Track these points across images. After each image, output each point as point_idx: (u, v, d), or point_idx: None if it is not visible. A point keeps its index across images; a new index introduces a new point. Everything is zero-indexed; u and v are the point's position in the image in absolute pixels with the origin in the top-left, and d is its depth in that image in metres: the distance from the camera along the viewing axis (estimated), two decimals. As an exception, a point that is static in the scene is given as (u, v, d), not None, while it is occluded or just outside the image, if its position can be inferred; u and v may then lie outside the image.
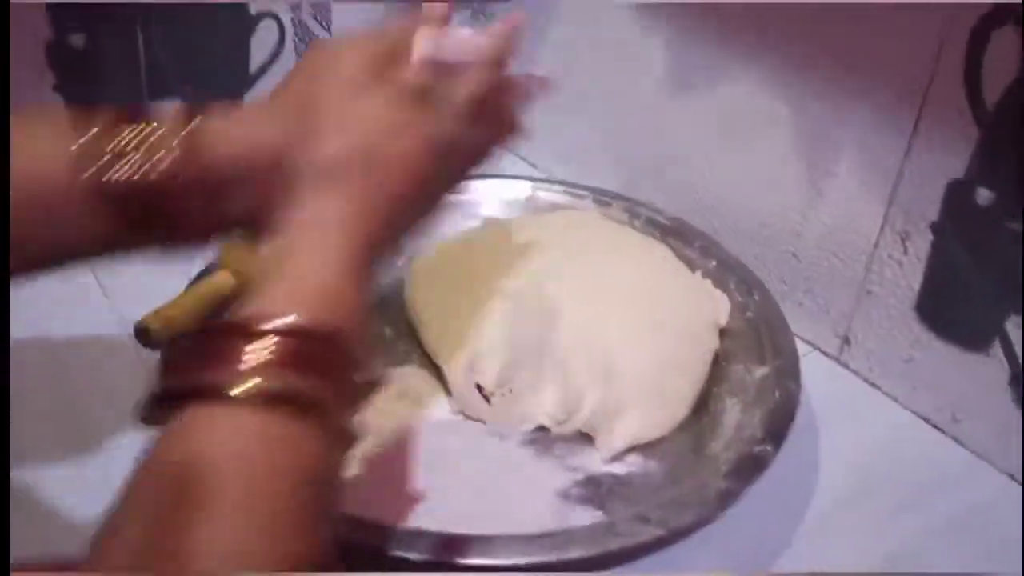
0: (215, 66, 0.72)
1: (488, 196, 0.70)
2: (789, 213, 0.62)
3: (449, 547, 0.42)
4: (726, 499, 0.45)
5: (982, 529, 0.50)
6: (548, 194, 0.72)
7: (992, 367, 0.52)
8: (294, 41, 0.74)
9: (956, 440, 0.56)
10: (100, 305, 0.62)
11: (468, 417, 0.55)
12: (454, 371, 0.56)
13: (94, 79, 0.66)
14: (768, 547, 0.48)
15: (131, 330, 0.56)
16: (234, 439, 0.30)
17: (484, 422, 0.54)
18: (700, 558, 0.47)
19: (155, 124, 0.38)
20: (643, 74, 0.70)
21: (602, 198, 0.70)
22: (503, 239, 0.64)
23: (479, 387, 0.55)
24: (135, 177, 0.37)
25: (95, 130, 0.38)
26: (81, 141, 0.37)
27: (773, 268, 0.65)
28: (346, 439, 0.33)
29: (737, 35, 0.61)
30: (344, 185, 0.37)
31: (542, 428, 0.54)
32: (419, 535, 0.43)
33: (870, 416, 0.58)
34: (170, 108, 0.39)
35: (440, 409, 0.56)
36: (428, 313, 0.60)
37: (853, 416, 0.57)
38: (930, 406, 0.57)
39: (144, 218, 0.38)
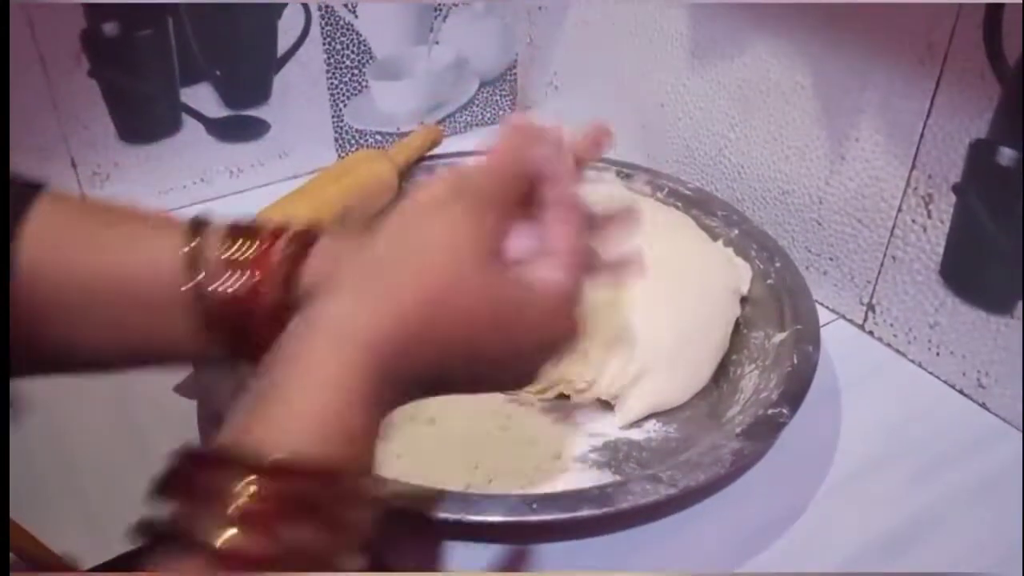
0: (243, 51, 0.73)
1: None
2: (812, 179, 0.62)
3: (462, 506, 0.43)
4: (739, 459, 0.45)
5: (1007, 494, 0.49)
6: (571, 168, 0.72)
7: (1017, 330, 0.52)
8: (320, 25, 0.75)
9: (981, 405, 0.55)
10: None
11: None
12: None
13: (127, 65, 0.68)
14: (783, 512, 0.47)
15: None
16: None
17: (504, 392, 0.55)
18: (715, 521, 0.47)
19: (261, 241, 0.36)
20: (664, 46, 0.70)
21: (625, 171, 0.70)
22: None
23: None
24: (229, 294, 0.35)
25: (203, 239, 0.36)
26: (189, 247, 0.36)
27: (797, 236, 0.64)
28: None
29: (757, 4, 0.61)
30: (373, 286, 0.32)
31: (562, 396, 0.55)
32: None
33: (894, 383, 0.57)
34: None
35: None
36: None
37: (877, 383, 0.57)
38: (955, 371, 0.56)
39: (234, 335, 0.36)
